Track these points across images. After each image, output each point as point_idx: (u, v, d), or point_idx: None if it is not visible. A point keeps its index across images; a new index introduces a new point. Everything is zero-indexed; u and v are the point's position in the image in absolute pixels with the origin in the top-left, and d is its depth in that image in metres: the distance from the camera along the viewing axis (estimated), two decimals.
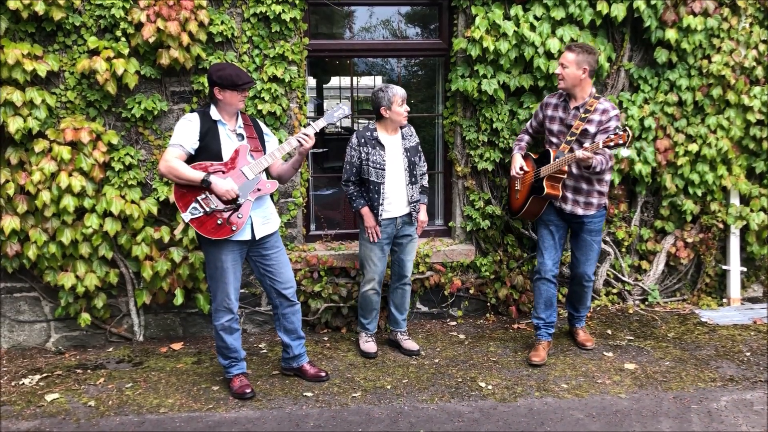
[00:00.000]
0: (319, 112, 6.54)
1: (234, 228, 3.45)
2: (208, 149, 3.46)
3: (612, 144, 3.56)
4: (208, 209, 3.41)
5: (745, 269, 5.06)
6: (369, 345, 4.24)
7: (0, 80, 3.97)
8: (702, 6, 4.55)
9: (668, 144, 4.73)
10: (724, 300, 5.08)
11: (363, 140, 3.97)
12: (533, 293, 4.22)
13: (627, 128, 3.58)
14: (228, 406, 3.57)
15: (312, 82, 6.44)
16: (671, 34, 4.52)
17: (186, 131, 3.44)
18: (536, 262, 4.20)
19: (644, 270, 5.03)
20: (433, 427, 3.32)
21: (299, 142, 3.54)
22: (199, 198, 3.41)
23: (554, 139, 4.03)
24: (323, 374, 3.86)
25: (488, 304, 4.85)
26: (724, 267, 5.06)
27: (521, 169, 4.11)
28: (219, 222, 3.42)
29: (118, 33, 4.10)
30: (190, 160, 3.45)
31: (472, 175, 4.75)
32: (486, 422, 3.37)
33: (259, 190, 3.52)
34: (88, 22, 4.11)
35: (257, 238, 3.58)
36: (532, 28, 4.45)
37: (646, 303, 5.04)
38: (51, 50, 4.12)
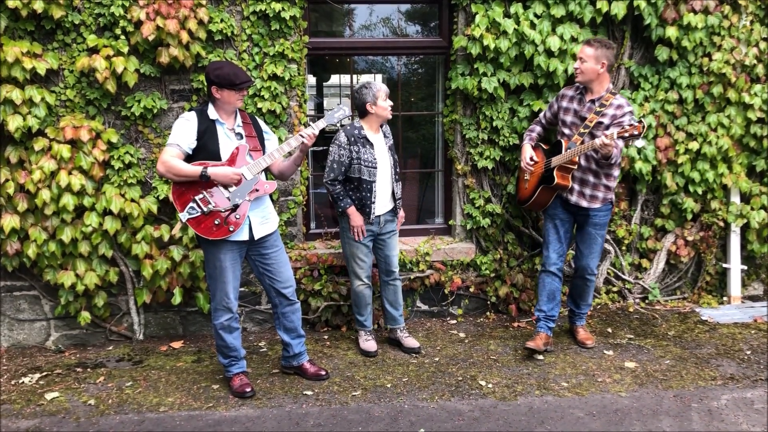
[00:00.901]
0: (319, 110, 6.52)
1: (232, 228, 3.44)
2: (206, 149, 3.44)
3: (627, 135, 3.57)
4: (205, 209, 3.40)
5: (745, 267, 5.05)
6: (369, 343, 4.23)
7: None
8: (703, 4, 4.54)
9: (669, 142, 4.73)
10: (725, 298, 5.08)
11: (353, 138, 3.96)
12: (537, 286, 4.21)
13: (642, 119, 3.61)
14: (228, 404, 3.57)
15: (312, 80, 6.42)
16: (672, 32, 4.51)
17: (183, 131, 3.42)
18: (542, 256, 4.23)
19: (644, 268, 5.03)
20: (433, 426, 3.32)
21: (299, 142, 3.53)
22: (196, 198, 3.40)
23: (566, 131, 4.04)
24: (323, 373, 3.86)
25: (488, 302, 4.85)
26: (724, 265, 5.05)
27: (531, 159, 4.13)
28: (217, 222, 3.42)
29: (118, 31, 4.09)
30: (189, 159, 3.43)
31: (472, 174, 4.75)
32: (486, 421, 3.37)
33: (257, 190, 3.51)
34: (88, 20, 4.10)
35: (256, 238, 3.57)
36: (533, 26, 4.45)
37: (647, 301, 5.04)
38: (50, 48, 4.11)
